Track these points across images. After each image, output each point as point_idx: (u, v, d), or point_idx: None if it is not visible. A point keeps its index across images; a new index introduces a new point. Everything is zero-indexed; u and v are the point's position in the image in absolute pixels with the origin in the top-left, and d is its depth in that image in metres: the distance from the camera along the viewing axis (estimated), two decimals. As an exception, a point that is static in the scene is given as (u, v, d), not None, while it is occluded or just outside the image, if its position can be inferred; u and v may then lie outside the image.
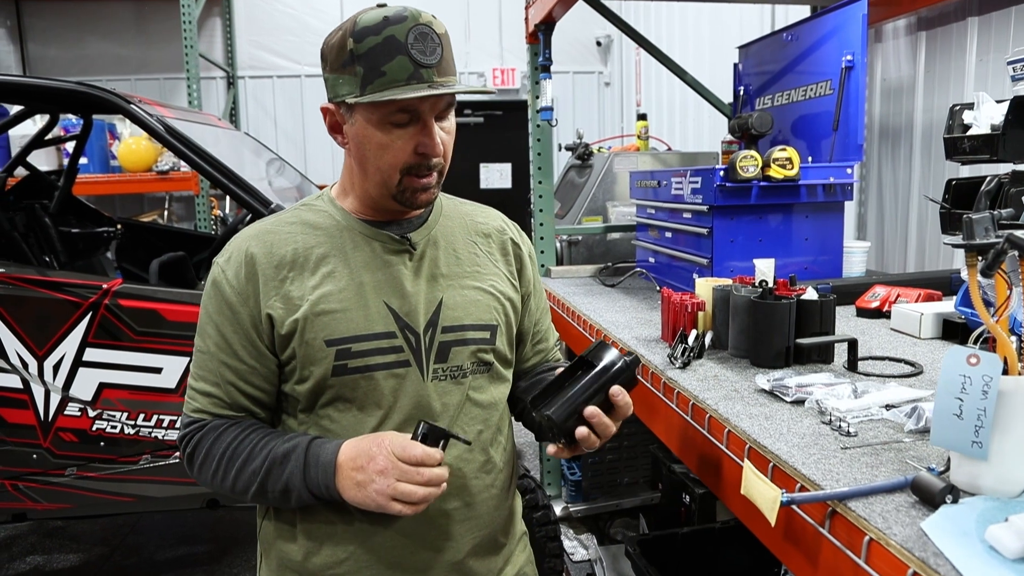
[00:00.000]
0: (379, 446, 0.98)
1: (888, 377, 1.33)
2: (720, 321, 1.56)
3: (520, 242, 1.25)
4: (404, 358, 1.08)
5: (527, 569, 1.28)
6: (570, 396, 1.01)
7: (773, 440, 1.05)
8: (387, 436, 0.99)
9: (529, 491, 2.30)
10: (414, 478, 0.96)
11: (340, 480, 1.00)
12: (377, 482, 0.97)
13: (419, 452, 0.96)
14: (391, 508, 0.97)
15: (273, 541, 1.15)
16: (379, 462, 0.97)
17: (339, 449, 1.01)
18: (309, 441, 1.04)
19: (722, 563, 2.20)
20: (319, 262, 1.08)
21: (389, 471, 0.96)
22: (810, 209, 2.13)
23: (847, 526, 0.84)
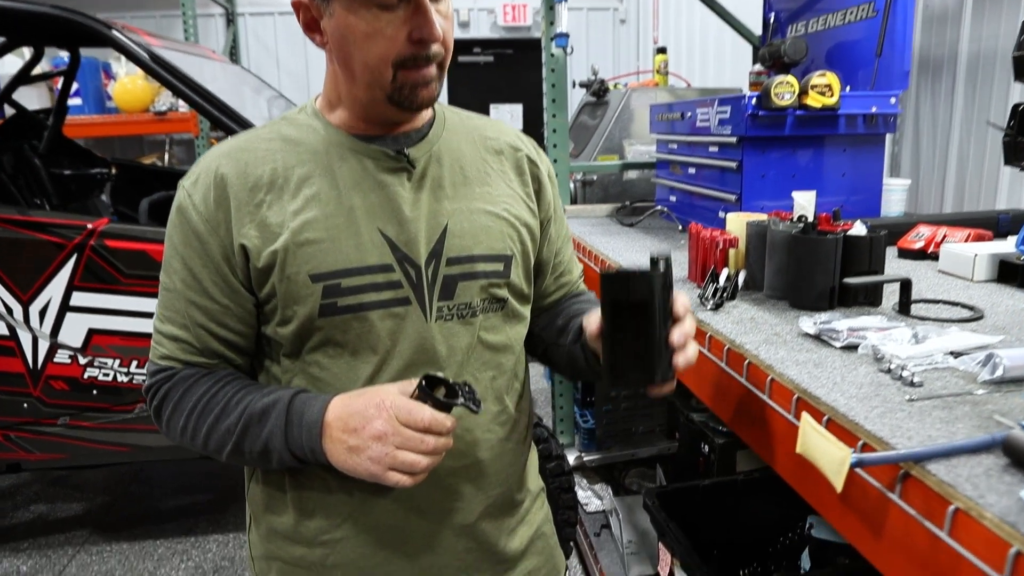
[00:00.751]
0: (379, 408, 0.84)
1: (946, 322, 1.19)
2: (754, 259, 1.41)
3: (538, 160, 1.10)
4: (403, 295, 0.94)
5: (545, 528, 1.16)
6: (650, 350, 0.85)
7: (827, 390, 0.91)
8: (388, 395, 0.85)
9: (542, 440, 2.19)
10: (418, 446, 0.83)
11: (328, 443, 0.87)
12: (373, 449, 0.83)
13: (427, 417, 0.82)
14: (388, 479, 0.84)
15: (262, 510, 1.04)
16: (377, 426, 0.83)
17: (327, 406, 0.88)
18: (293, 395, 0.91)
19: (745, 516, 2.10)
20: (301, 183, 0.93)
21: (388, 437, 0.83)
22: (848, 142, 1.96)
23: (925, 492, 0.71)
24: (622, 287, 0.86)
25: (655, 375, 0.86)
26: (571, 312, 1.12)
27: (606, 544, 2.44)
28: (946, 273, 1.56)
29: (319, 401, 0.89)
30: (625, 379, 0.88)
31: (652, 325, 0.85)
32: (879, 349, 1.01)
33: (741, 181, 1.91)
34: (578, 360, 1.05)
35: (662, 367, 0.86)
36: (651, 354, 0.85)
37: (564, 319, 1.11)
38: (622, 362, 0.87)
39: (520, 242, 1.03)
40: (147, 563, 2.67)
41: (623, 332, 0.87)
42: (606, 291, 0.87)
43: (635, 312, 0.85)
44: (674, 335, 0.85)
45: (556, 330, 1.11)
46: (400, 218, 0.94)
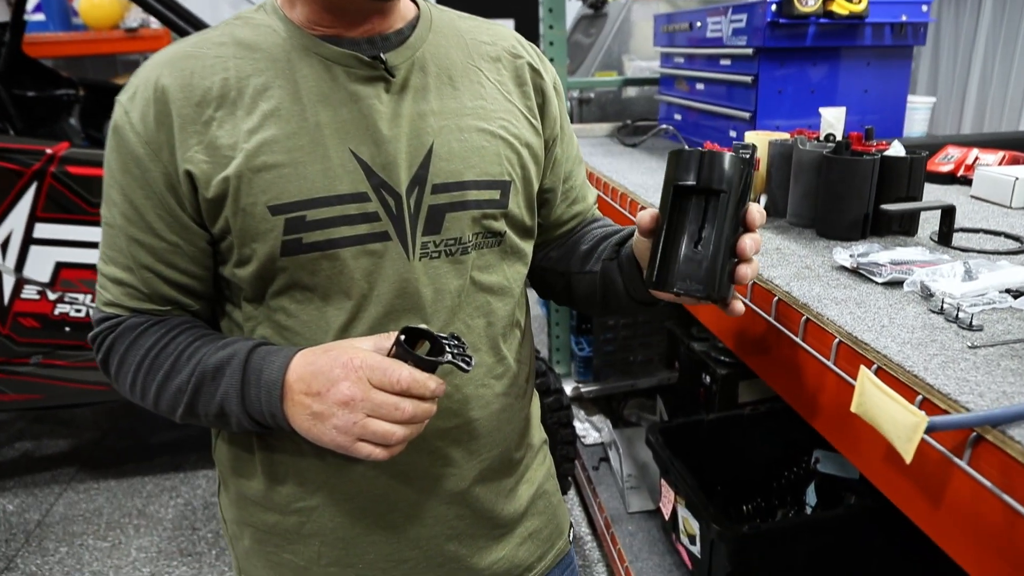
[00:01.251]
0: (346, 367, 0.71)
1: (992, 254, 1.08)
2: (777, 183, 1.28)
3: (542, 69, 0.95)
4: (381, 228, 0.81)
5: (548, 484, 1.07)
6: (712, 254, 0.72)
7: (874, 334, 0.80)
8: (358, 353, 0.72)
9: (540, 374, 2.10)
10: (392, 414, 0.70)
11: (289, 407, 0.75)
12: (339, 416, 0.71)
13: (404, 377, 0.70)
14: (357, 451, 0.72)
15: (230, 472, 0.93)
16: (343, 389, 0.70)
17: (289, 363, 0.76)
18: (251, 348, 0.79)
19: (750, 450, 2.04)
20: (258, 96, 0.79)
21: (358, 402, 0.70)
22: (873, 55, 1.80)
23: (1003, 461, 0.61)
24: (693, 168, 0.72)
25: (714, 284, 0.73)
26: (598, 235, 0.99)
27: (605, 478, 2.39)
28: (980, 199, 1.44)
29: (280, 356, 0.77)
30: (676, 283, 0.73)
31: (721, 222, 0.72)
32: (928, 286, 0.90)
33: (756, 97, 1.76)
34: (615, 281, 0.92)
35: (722, 278, 0.73)
36: (714, 259, 0.72)
37: (590, 243, 0.99)
38: (675, 263, 0.74)
39: (520, 165, 0.89)
40: (136, 500, 2.61)
41: (683, 227, 0.73)
42: (672, 171, 0.73)
43: (703, 203, 0.72)
44: (744, 242, 0.73)
45: (580, 257, 0.99)
46: (377, 137, 0.80)
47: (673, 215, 0.74)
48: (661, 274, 0.74)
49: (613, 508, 2.23)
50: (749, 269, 0.75)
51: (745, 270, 0.74)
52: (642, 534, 2.11)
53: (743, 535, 1.54)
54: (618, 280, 0.91)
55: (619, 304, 0.94)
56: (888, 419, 0.63)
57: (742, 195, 0.72)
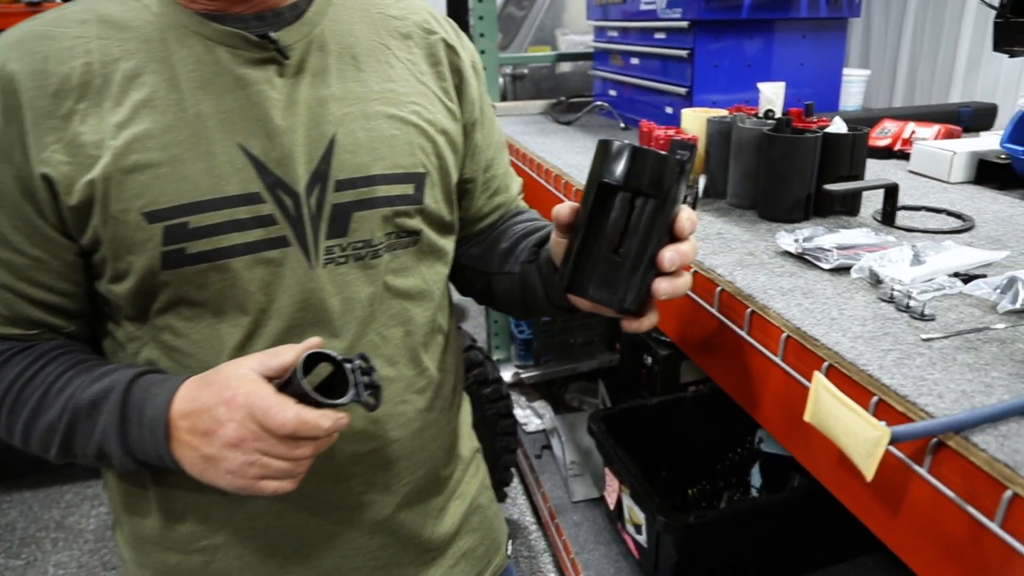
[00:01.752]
0: (229, 404, 0.62)
1: (936, 233, 1.04)
2: (716, 163, 1.22)
3: (458, 46, 0.85)
4: (278, 233, 0.71)
5: (482, 498, 0.99)
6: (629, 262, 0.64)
7: (824, 328, 0.75)
8: (241, 387, 0.63)
9: (477, 364, 2.02)
10: (288, 455, 0.63)
11: (177, 447, 0.66)
12: (230, 460, 0.63)
13: (289, 420, 0.61)
14: (262, 489, 0.64)
15: (122, 510, 0.83)
16: (229, 432, 0.62)
17: (173, 396, 0.66)
18: (130, 380, 0.68)
19: (693, 433, 2.01)
20: (127, 84, 0.68)
21: (248, 443, 0.62)
22: (808, 27, 1.76)
23: (967, 470, 0.56)
24: (622, 166, 0.63)
25: (627, 297, 0.65)
26: (518, 231, 0.91)
27: (548, 466, 2.34)
28: (918, 174, 1.41)
29: (164, 389, 0.67)
30: (589, 289, 0.66)
31: (647, 230, 0.63)
32: (876, 272, 0.85)
33: (692, 72, 1.70)
34: (534, 286, 0.84)
35: (637, 289, 0.65)
36: (632, 269, 0.64)
37: (510, 241, 0.90)
38: (588, 267, 0.65)
39: (436, 155, 0.80)
40: (54, 512, 2.44)
41: (604, 229, 0.64)
42: (599, 165, 0.64)
43: (628, 205, 0.63)
44: (666, 254, 0.63)
45: (500, 256, 0.90)
46: (269, 129, 0.70)
47: (594, 214, 0.65)
48: (574, 278, 0.66)
49: (557, 497, 2.19)
50: (668, 284, 0.65)
51: (662, 285, 0.65)
52: (587, 524, 2.07)
53: (689, 525, 1.50)
54: (537, 285, 0.83)
55: (539, 308, 0.86)
56: (846, 432, 0.57)
57: (675, 202, 0.64)
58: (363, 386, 0.65)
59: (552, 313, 0.84)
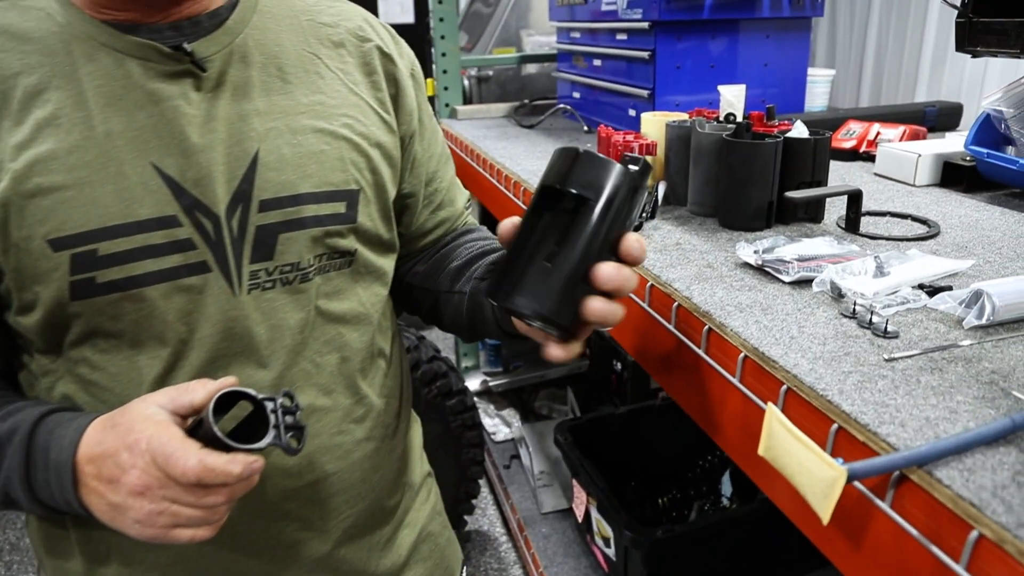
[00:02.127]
0: (131, 450, 0.57)
1: (901, 241, 1.01)
2: (676, 168, 1.18)
3: (395, 53, 0.80)
4: (198, 259, 0.66)
5: (433, 525, 0.94)
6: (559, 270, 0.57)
7: (783, 348, 0.71)
8: (144, 430, 0.57)
9: (440, 375, 1.97)
10: (198, 502, 0.57)
11: (85, 494, 0.60)
12: (137, 509, 0.57)
13: (191, 468, 0.55)
14: (176, 538, 0.59)
15: (44, 552, 0.77)
16: (133, 479, 0.57)
17: (80, 439, 0.61)
18: (35, 421, 0.63)
19: (663, 441, 1.97)
20: (29, 101, 0.62)
21: (154, 491, 0.57)
22: (772, 27, 1.73)
23: (931, 506, 0.52)
24: (564, 168, 0.58)
25: (549, 307, 0.57)
26: (473, 251, 0.86)
27: (517, 476, 2.29)
28: (883, 176, 1.38)
29: (71, 430, 0.61)
30: (514, 298, 0.58)
31: (579, 237, 0.57)
32: (838, 285, 0.81)
33: (654, 73, 1.66)
34: (483, 306, 0.79)
35: (562, 299, 0.58)
36: (559, 278, 0.57)
37: (462, 260, 0.85)
38: (516, 274, 0.59)
39: (371, 170, 0.75)
40: (8, 533, 2.35)
41: (541, 234, 0.59)
42: (548, 169, 0.59)
43: (568, 212, 0.58)
44: (603, 269, 0.57)
45: (450, 275, 0.85)
46: (185, 147, 0.65)
47: (533, 219, 0.60)
48: (501, 285, 0.59)
49: (526, 509, 2.14)
50: (602, 305, 0.57)
51: (595, 304, 0.57)
52: (556, 536, 2.02)
53: (657, 540, 1.46)
54: (486, 305, 0.78)
55: (487, 331, 0.80)
56: (801, 470, 0.53)
57: (617, 212, 0.58)
58: (284, 428, 0.59)
59: (499, 336, 0.79)
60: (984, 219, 1.09)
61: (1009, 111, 1.17)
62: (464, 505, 2.09)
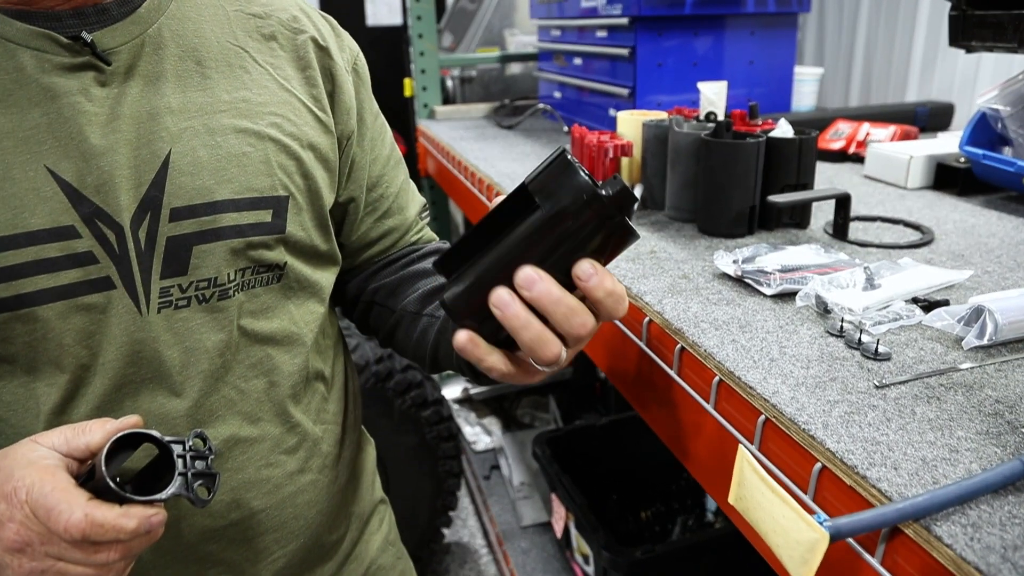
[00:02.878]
0: (9, 500, 0.49)
1: (893, 248, 0.94)
2: (653, 171, 1.11)
3: (332, 46, 0.72)
4: (100, 274, 0.58)
5: (384, 558, 0.86)
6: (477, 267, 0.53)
7: (762, 373, 0.63)
8: (28, 473, 0.50)
9: (415, 385, 1.89)
10: (87, 560, 0.50)
11: None
12: (15, 567, 0.50)
13: (74, 523, 0.48)
14: None
15: None
16: (11, 533, 0.49)
17: None
18: None
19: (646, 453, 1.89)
20: None
21: (34, 547, 0.49)
22: (757, 23, 1.66)
23: (929, 566, 0.44)
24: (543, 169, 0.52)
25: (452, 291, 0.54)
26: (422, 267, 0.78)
27: (497, 488, 2.21)
28: (873, 179, 1.32)
29: None
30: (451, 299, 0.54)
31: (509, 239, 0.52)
32: (825, 299, 0.74)
33: (634, 71, 1.59)
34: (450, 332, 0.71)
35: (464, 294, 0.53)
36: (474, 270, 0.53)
37: (438, 283, 0.77)
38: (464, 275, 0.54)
39: (302, 174, 0.67)
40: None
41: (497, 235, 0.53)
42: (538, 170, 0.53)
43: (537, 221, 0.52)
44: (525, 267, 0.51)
45: (420, 297, 0.77)
46: (84, 148, 0.57)
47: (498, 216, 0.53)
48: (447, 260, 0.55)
49: (505, 522, 2.06)
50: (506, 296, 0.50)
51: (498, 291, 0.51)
52: (536, 550, 1.95)
53: (636, 560, 1.39)
54: None
55: (450, 363, 0.72)
56: (776, 529, 0.45)
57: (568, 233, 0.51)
58: (193, 475, 0.52)
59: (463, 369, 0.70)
60: (980, 224, 1.02)
61: (1006, 109, 1.10)
62: (441, 518, 2.01)
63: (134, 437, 0.52)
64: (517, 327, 0.50)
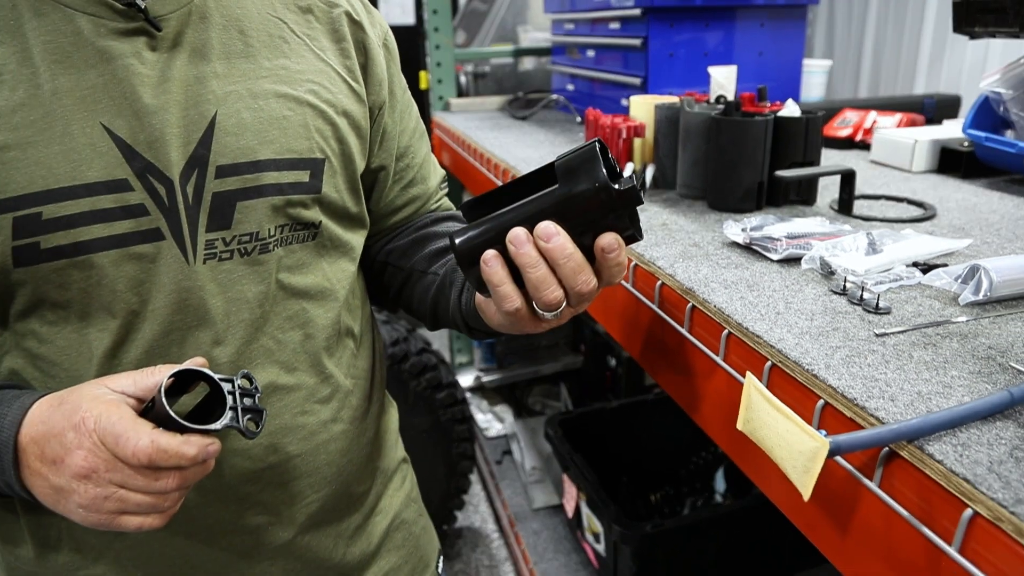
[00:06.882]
0: (78, 430, 0.53)
1: (896, 222, 0.97)
2: (665, 151, 1.15)
3: (365, 21, 0.76)
4: (151, 225, 0.62)
5: (407, 512, 0.90)
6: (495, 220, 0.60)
7: (768, 323, 0.67)
8: (93, 408, 0.54)
9: (430, 368, 1.93)
10: (148, 487, 0.54)
11: (27, 476, 0.57)
12: (82, 493, 0.54)
13: (143, 448, 0.52)
14: (123, 526, 0.55)
15: None
16: (79, 460, 0.53)
17: (23, 417, 0.57)
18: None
19: (655, 437, 1.94)
20: None
21: (100, 474, 0.53)
22: (767, 15, 1.70)
23: (922, 484, 0.48)
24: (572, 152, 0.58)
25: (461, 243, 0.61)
26: None
27: (509, 472, 2.25)
28: (880, 163, 1.35)
29: (15, 408, 0.58)
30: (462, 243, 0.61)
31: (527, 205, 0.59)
32: (828, 262, 0.77)
33: (647, 62, 1.63)
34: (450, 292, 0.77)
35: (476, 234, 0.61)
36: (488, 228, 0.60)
37: (444, 243, 0.82)
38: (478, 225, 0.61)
39: (337, 139, 0.71)
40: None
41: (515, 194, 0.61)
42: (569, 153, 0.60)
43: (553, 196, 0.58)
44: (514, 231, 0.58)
45: (428, 256, 0.82)
46: (137, 107, 0.61)
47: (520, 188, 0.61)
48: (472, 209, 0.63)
49: (517, 505, 2.10)
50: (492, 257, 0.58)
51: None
52: (547, 532, 1.99)
53: (646, 535, 1.43)
54: (452, 291, 0.75)
55: (448, 318, 0.78)
56: (781, 443, 0.49)
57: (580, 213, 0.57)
58: (242, 410, 0.56)
59: (460, 325, 0.76)
60: (982, 203, 1.06)
61: (1008, 92, 1.14)
62: (454, 500, 2.05)
63: (188, 376, 0.57)
64: (527, 264, 0.56)
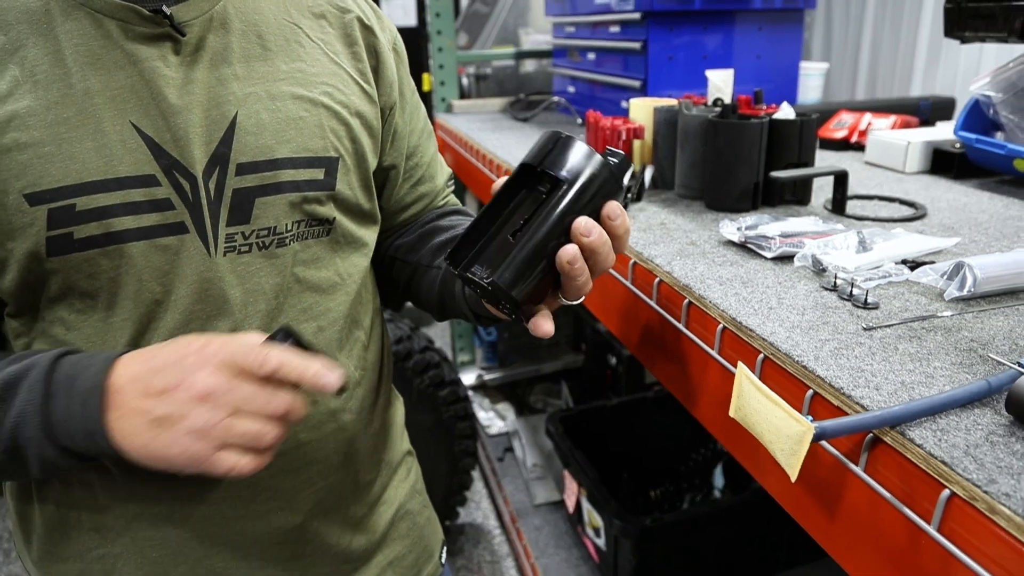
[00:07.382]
0: (200, 354, 0.57)
1: (887, 221, 1.00)
2: (664, 152, 1.18)
3: (376, 25, 0.79)
4: (176, 219, 0.65)
5: (411, 503, 0.93)
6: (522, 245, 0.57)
7: (761, 318, 0.70)
8: (212, 337, 0.59)
9: (433, 366, 1.96)
10: (264, 407, 0.57)
11: (117, 418, 0.58)
12: (196, 416, 0.56)
13: (273, 354, 0.57)
14: (217, 464, 0.57)
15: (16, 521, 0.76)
16: (202, 379, 0.56)
17: (111, 366, 0.59)
18: (55, 357, 0.61)
19: (655, 434, 1.97)
20: (6, 58, 0.62)
21: (220, 396, 0.56)
22: (764, 19, 1.73)
23: (903, 467, 0.51)
24: (550, 150, 0.59)
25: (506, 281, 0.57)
26: (459, 229, 0.85)
27: (510, 469, 2.28)
28: (874, 164, 1.38)
29: (97, 360, 0.60)
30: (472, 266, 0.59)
31: (548, 218, 0.58)
32: (820, 259, 0.80)
33: (646, 65, 1.66)
34: (455, 283, 0.80)
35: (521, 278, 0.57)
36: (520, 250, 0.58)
37: (448, 236, 0.85)
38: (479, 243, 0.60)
39: (351, 139, 0.74)
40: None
41: (511, 210, 0.60)
42: (531, 149, 0.61)
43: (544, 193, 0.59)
44: (566, 251, 0.57)
45: (433, 249, 0.85)
46: (163, 107, 0.65)
47: (507, 196, 0.61)
48: (461, 251, 0.60)
49: (519, 501, 2.13)
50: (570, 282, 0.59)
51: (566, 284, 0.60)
52: (548, 527, 2.02)
53: (646, 528, 1.46)
54: (457, 282, 0.78)
55: (455, 308, 0.81)
56: (769, 428, 0.52)
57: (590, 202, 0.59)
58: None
59: (466, 314, 0.79)
60: (972, 203, 1.09)
61: (997, 95, 1.17)
62: (457, 497, 2.08)
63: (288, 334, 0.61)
64: (579, 275, 0.59)
